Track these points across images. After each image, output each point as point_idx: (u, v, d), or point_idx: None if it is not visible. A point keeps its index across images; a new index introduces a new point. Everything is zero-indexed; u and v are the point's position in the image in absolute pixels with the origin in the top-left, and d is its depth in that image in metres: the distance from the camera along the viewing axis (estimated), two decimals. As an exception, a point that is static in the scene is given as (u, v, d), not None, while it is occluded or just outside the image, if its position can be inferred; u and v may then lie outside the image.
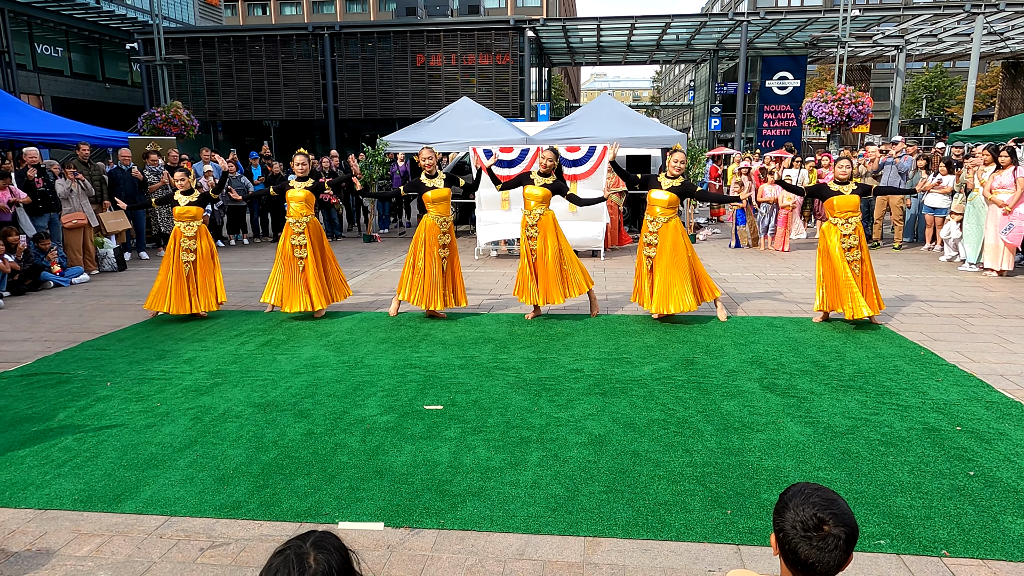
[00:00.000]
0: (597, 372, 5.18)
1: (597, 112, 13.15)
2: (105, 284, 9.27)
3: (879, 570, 2.73)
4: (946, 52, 29.37)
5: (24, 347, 6.15)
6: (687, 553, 2.87)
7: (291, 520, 3.16)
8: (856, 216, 6.23)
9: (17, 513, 3.27)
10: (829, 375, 5.03)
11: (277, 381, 5.06)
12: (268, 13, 53.88)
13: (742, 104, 26.38)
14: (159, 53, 20.62)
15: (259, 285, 8.77)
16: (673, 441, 3.91)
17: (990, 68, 40.02)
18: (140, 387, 4.98)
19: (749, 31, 25.77)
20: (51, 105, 24.18)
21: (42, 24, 25.00)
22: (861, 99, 19.11)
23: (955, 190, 10.20)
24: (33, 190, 9.33)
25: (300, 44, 27.39)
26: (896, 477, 3.45)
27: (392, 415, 4.37)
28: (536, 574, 2.76)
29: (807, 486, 1.52)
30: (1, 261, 8.22)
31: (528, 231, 6.66)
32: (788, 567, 1.51)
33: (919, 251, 11.16)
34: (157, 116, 17.35)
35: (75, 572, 2.81)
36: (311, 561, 1.26)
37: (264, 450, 3.88)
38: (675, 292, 6.38)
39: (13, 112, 12.40)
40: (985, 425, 4.07)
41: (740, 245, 11.74)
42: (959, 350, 5.62)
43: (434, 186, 6.74)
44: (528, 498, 3.31)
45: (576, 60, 34.04)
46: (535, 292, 6.63)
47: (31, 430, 4.22)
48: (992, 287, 8.17)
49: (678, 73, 72.49)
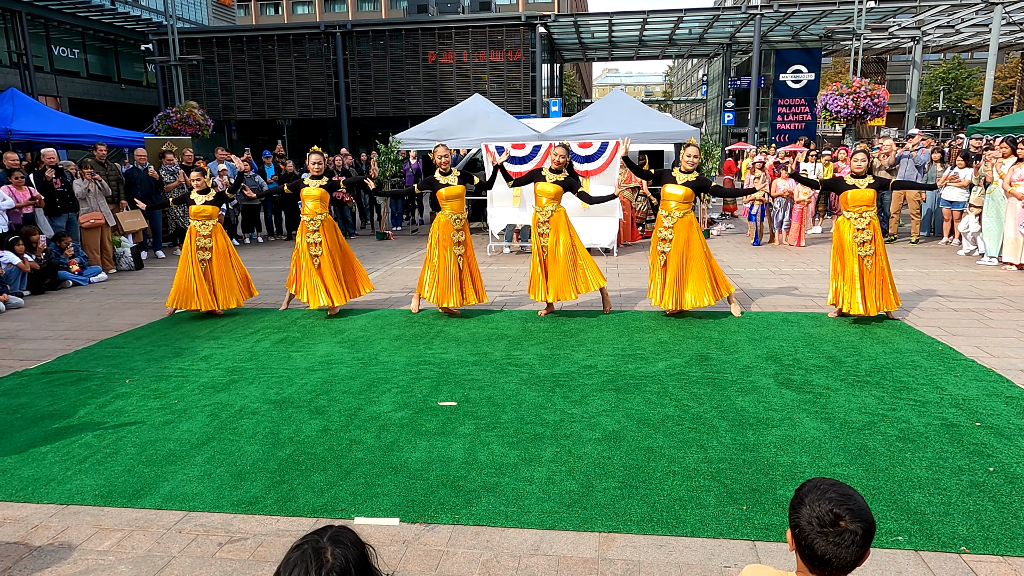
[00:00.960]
0: (611, 368, 5.17)
1: (609, 107, 13.10)
2: (123, 283, 9.37)
3: (897, 566, 2.71)
4: (964, 43, 28.95)
5: (44, 345, 6.24)
6: (702, 549, 2.87)
7: (308, 515, 3.18)
8: (871, 211, 6.16)
9: (40, 508, 3.32)
10: (845, 370, 4.99)
11: (292, 378, 5.10)
12: (280, 12, 54.12)
13: (756, 98, 26.16)
14: (173, 54, 20.79)
15: (274, 283, 8.84)
16: (688, 437, 3.90)
17: (1009, 59, 39.41)
18: (158, 384, 5.04)
19: (763, 24, 25.54)
20: (68, 106, 24.47)
21: (58, 26, 25.28)
22: (877, 92, 18.89)
23: (973, 183, 10.06)
24: (51, 190, 9.45)
25: (312, 43, 27.52)
26: (914, 473, 3.42)
27: (406, 411, 4.39)
28: (551, 569, 2.76)
29: (823, 481, 1.51)
30: (21, 260, 8.35)
31: (539, 227, 6.64)
32: (805, 563, 1.51)
33: (936, 245, 11.03)
34: (172, 116, 17.49)
35: (96, 566, 2.86)
36: (328, 556, 1.27)
37: (280, 446, 3.91)
38: (691, 288, 6.35)
39: (32, 114, 12.58)
40: (1005, 421, 4.02)
41: (760, 242, 11.55)
42: (978, 345, 5.55)
43: (448, 183, 6.74)
44: (543, 494, 3.31)
45: (588, 56, 33.91)
46: (545, 289, 6.62)
47: (52, 427, 4.28)
48: (1012, 281, 8.06)
49: (691, 68, 72.00)
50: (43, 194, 9.31)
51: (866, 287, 6.10)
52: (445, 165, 6.77)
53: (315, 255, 6.88)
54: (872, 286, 6.10)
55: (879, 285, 6.12)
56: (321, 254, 6.88)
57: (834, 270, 6.41)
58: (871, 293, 6.09)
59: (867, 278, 6.10)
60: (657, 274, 6.55)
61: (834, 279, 6.40)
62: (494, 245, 11.44)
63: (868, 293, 6.09)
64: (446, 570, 2.78)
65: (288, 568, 1.27)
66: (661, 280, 6.49)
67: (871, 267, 6.11)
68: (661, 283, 6.49)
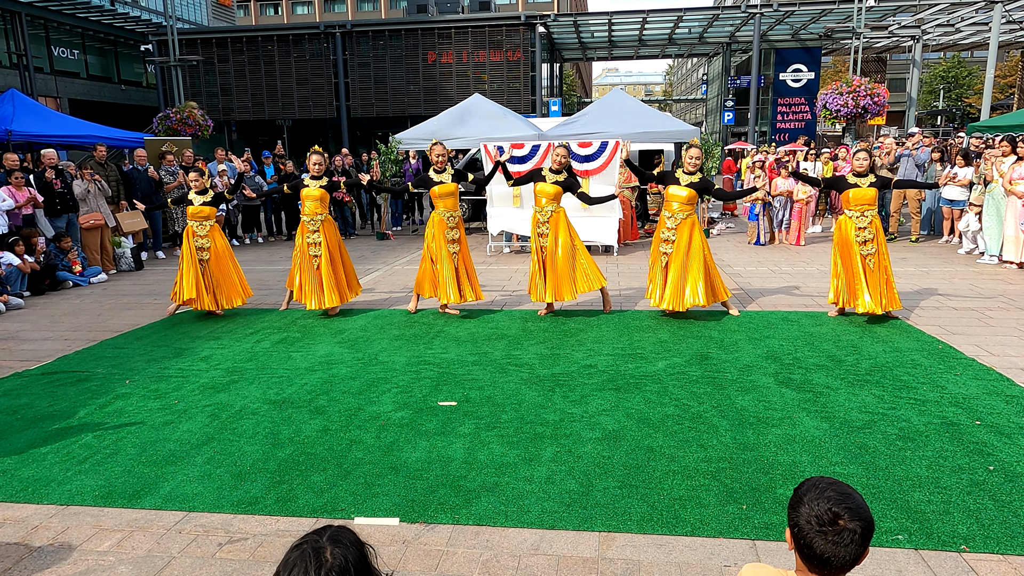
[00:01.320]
0: (611, 368, 5.17)
1: (609, 107, 13.10)
2: (123, 283, 9.38)
3: (897, 565, 2.71)
4: (964, 42, 28.96)
5: (45, 346, 6.25)
6: (702, 548, 2.87)
7: (307, 515, 3.18)
8: (872, 209, 6.16)
9: (40, 509, 3.32)
10: (845, 369, 4.99)
11: (292, 378, 5.11)
12: (280, 13, 54.14)
13: (755, 97, 26.16)
14: (173, 54, 20.79)
15: (274, 283, 8.84)
16: (688, 436, 3.90)
17: (1009, 57, 39.38)
18: (158, 385, 5.04)
19: (762, 23, 25.53)
20: (68, 107, 24.48)
21: (58, 27, 25.30)
22: (877, 91, 18.88)
23: (974, 182, 10.06)
24: (51, 191, 9.46)
25: (312, 43, 27.53)
26: (914, 472, 3.42)
27: (406, 411, 4.39)
28: (551, 569, 2.76)
29: (822, 480, 1.51)
30: (21, 261, 8.35)
31: (539, 228, 6.64)
32: (804, 562, 1.51)
33: (936, 244, 11.02)
34: (172, 117, 17.50)
35: (97, 567, 2.86)
36: (328, 555, 1.27)
37: (280, 446, 3.91)
38: (689, 289, 6.34)
39: (32, 115, 12.59)
40: (1005, 419, 4.02)
41: (762, 242, 11.52)
42: (978, 343, 5.55)
43: (441, 181, 6.75)
44: (542, 493, 3.31)
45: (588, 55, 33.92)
46: (543, 289, 6.62)
47: (52, 427, 4.29)
48: (1012, 280, 8.06)
49: (690, 67, 71.98)
50: (43, 195, 9.31)
51: (870, 285, 6.10)
52: (440, 163, 6.77)
53: (315, 255, 6.89)
54: (876, 285, 6.10)
55: (882, 284, 6.12)
56: (320, 254, 6.88)
57: (834, 269, 6.41)
58: (876, 291, 6.09)
59: (870, 277, 6.10)
60: (658, 274, 6.55)
61: (835, 278, 6.41)
62: (494, 245, 11.44)
63: (873, 291, 6.09)
64: (446, 570, 2.78)
65: (287, 568, 1.27)
66: (662, 281, 6.49)
67: (873, 266, 6.11)
68: (662, 284, 6.49)
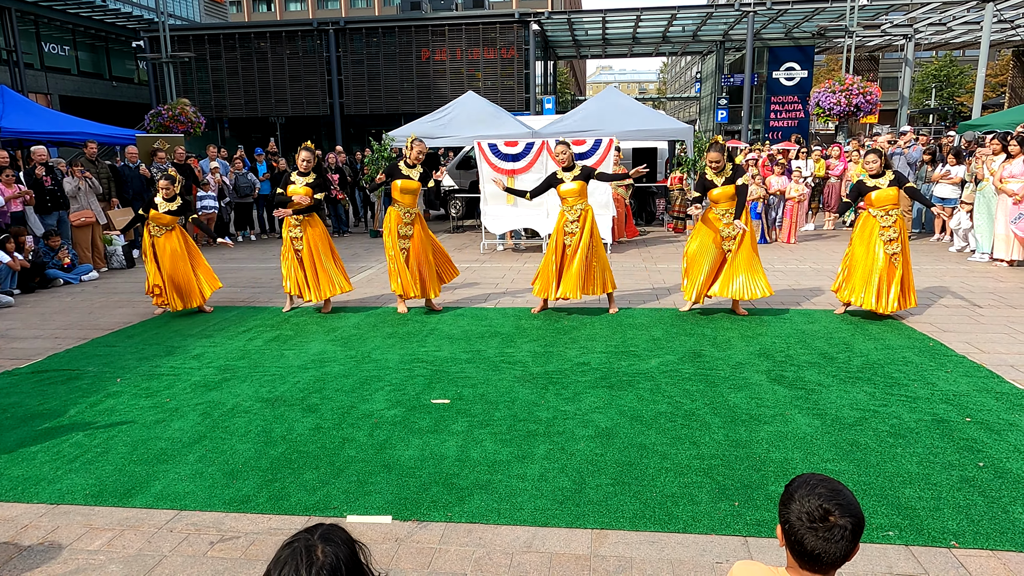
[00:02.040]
0: (604, 365, 5.18)
1: (603, 105, 13.09)
2: (114, 281, 9.32)
3: (888, 561, 2.73)
4: (955, 41, 29.09)
5: (35, 344, 6.20)
6: (694, 545, 2.87)
7: (300, 514, 3.17)
8: (897, 208, 6.16)
9: (29, 508, 3.30)
10: (837, 367, 5.01)
11: (285, 376, 5.09)
12: (273, 9, 53.86)
13: (749, 95, 26.21)
14: (165, 51, 20.66)
15: (266, 281, 8.81)
16: (680, 433, 3.91)
17: (1000, 56, 39.60)
18: (149, 383, 5.02)
19: (756, 22, 25.57)
20: (58, 103, 24.30)
21: (49, 23, 25.11)
22: (869, 89, 18.96)
23: (965, 179, 10.11)
24: (41, 188, 9.39)
25: (305, 40, 27.39)
26: (905, 468, 3.44)
27: (399, 409, 4.38)
28: (543, 566, 2.77)
29: (812, 477, 1.52)
30: (11, 259, 8.29)
31: (568, 227, 6.57)
32: (795, 558, 1.51)
33: (928, 242, 11.08)
34: (164, 114, 17.40)
35: (87, 566, 2.84)
36: (319, 553, 1.27)
37: (272, 445, 3.90)
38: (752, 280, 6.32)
39: (22, 111, 12.49)
40: (995, 416, 4.05)
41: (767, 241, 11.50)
42: (969, 341, 5.58)
43: (409, 176, 6.72)
44: (535, 491, 3.32)
45: (581, 53, 33.88)
46: (555, 287, 6.55)
47: (42, 426, 4.26)
48: (1002, 277, 8.11)
49: (684, 65, 72.06)
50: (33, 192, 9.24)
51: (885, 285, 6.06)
52: (415, 159, 6.74)
53: (297, 249, 6.90)
54: (895, 285, 6.05)
55: (905, 284, 6.11)
56: (302, 249, 6.88)
57: (845, 262, 6.42)
58: (892, 291, 6.04)
59: (893, 276, 6.06)
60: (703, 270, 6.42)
61: (844, 267, 6.41)
62: (488, 242, 11.43)
63: (882, 292, 6.05)
64: (438, 568, 2.78)
65: (278, 566, 1.27)
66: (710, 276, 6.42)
67: (898, 264, 6.09)
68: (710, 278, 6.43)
